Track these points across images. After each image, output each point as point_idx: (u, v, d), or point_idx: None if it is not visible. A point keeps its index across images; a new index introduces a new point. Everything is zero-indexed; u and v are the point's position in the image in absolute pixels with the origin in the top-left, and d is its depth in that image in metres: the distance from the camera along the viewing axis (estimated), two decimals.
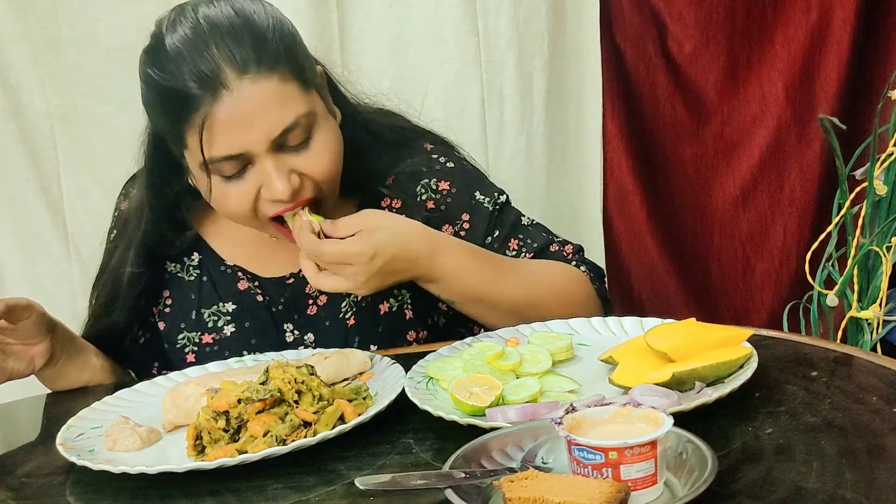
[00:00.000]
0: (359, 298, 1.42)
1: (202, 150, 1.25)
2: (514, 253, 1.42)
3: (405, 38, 2.04)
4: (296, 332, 1.43)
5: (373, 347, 1.41)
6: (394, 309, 1.43)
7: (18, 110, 2.00)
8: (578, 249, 1.45)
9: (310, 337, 1.43)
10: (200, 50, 1.22)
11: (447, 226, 1.43)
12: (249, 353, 1.41)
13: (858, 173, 1.77)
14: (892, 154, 1.67)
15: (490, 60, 2.05)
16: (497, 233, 1.44)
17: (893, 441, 0.90)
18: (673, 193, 2.15)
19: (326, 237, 1.27)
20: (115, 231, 1.52)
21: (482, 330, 1.38)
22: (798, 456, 0.89)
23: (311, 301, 1.44)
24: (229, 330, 1.43)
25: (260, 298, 1.43)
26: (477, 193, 1.45)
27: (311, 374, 1.11)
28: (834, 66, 2.04)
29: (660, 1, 2.06)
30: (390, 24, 2.03)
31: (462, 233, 1.43)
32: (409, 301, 1.43)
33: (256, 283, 1.44)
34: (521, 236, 1.43)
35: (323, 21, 1.99)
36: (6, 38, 1.96)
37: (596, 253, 2.15)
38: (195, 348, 1.43)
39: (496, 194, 1.46)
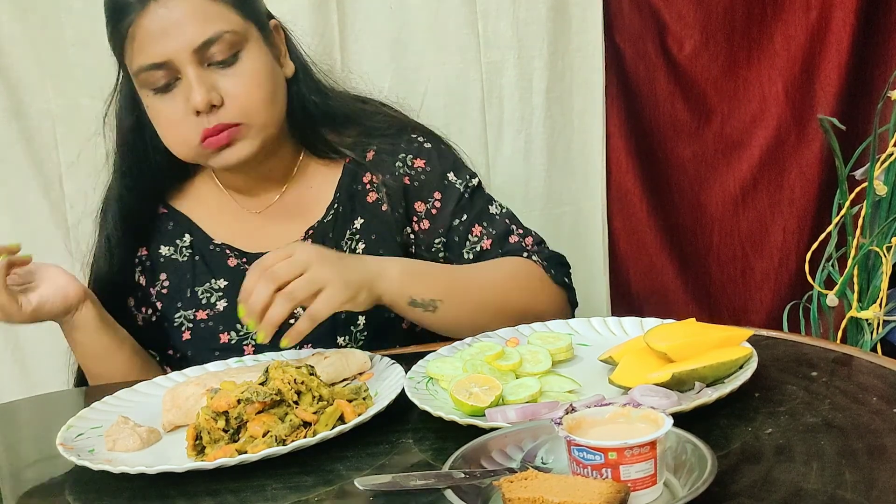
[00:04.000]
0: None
1: (125, 59, 1.35)
2: (476, 239, 1.45)
3: (405, 39, 2.04)
4: None
5: (361, 318, 1.44)
6: None
7: (20, 110, 2.00)
8: (539, 241, 1.48)
9: (299, 310, 1.44)
10: None
11: (420, 202, 1.47)
12: (242, 327, 1.44)
13: (858, 173, 1.77)
14: (892, 154, 1.67)
15: (490, 61, 2.05)
16: (464, 216, 1.47)
17: (893, 441, 0.90)
18: (672, 193, 2.15)
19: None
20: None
21: None
22: (798, 456, 0.89)
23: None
24: (222, 305, 1.47)
25: None
26: (450, 174, 1.49)
27: (311, 374, 1.11)
28: (834, 65, 2.04)
29: (659, 0, 2.06)
30: (390, 24, 2.03)
31: (433, 210, 1.47)
32: None
33: (244, 260, 1.48)
34: (485, 224, 1.46)
35: (323, 22, 1.99)
36: (8, 39, 1.96)
37: (598, 252, 2.15)
38: (190, 325, 1.47)
39: (468, 177, 1.50)
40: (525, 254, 1.44)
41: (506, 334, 1.28)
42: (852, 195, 1.75)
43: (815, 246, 1.80)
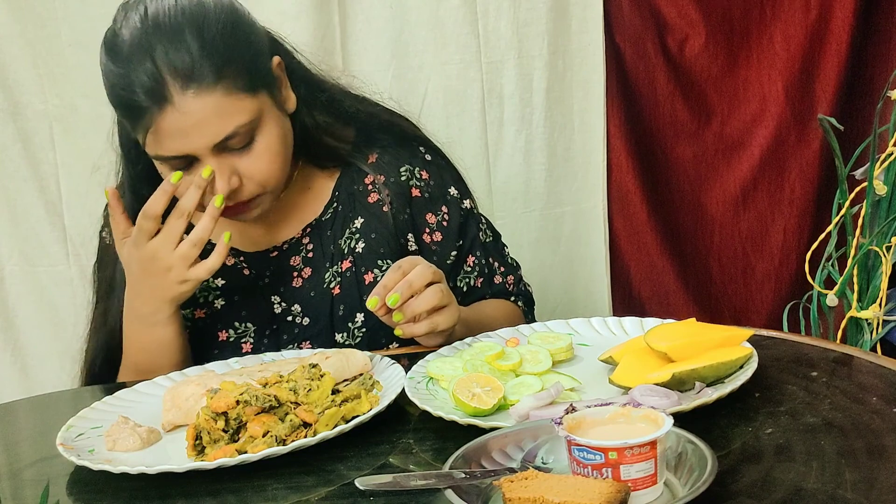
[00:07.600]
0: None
1: (138, 139, 1.32)
2: (469, 270, 1.52)
3: (406, 40, 2.04)
4: (283, 304, 1.46)
5: (359, 316, 1.44)
6: (378, 279, 1.46)
7: (17, 111, 2.00)
8: (518, 280, 1.58)
9: (296, 308, 1.46)
10: (144, 58, 1.26)
11: (430, 214, 1.50)
12: (240, 325, 1.45)
13: (858, 173, 1.77)
14: (892, 154, 1.67)
15: (490, 61, 2.06)
16: (461, 242, 1.52)
17: (893, 441, 0.90)
18: (673, 193, 2.15)
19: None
20: (105, 228, 1.53)
21: None
22: (798, 456, 0.89)
23: (295, 273, 1.47)
24: (220, 303, 1.46)
25: (246, 272, 1.47)
26: (451, 188, 1.53)
27: (320, 375, 1.12)
28: (833, 65, 2.04)
29: (659, 0, 2.06)
30: (391, 25, 2.03)
31: (444, 223, 1.50)
32: None
33: (242, 259, 1.48)
34: (478, 254, 1.53)
35: (325, 23, 2.00)
36: (5, 39, 1.97)
37: (599, 252, 2.15)
38: (189, 323, 1.46)
39: (463, 196, 1.54)
40: (511, 297, 1.55)
41: (506, 334, 1.28)
42: (852, 195, 1.75)
43: (814, 246, 1.80)
